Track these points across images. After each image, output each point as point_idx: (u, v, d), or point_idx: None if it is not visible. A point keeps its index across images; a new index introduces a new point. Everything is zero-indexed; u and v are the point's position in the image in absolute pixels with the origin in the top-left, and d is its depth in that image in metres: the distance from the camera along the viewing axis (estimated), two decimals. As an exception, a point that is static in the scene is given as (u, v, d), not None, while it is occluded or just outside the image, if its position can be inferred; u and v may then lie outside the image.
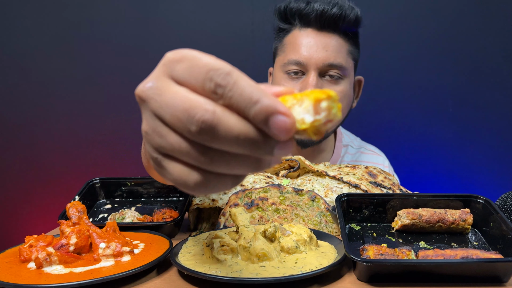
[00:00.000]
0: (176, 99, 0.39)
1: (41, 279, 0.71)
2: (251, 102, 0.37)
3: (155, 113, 0.41)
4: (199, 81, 0.39)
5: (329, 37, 1.32)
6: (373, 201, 0.92)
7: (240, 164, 0.40)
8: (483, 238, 0.86)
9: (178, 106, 0.38)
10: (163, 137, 0.40)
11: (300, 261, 0.74)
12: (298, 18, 1.34)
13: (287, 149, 0.39)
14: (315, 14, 1.29)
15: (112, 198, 1.18)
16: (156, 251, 0.81)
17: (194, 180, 0.40)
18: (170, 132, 0.40)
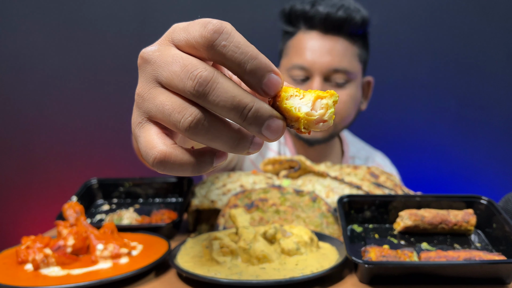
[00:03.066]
0: (177, 57, 0.41)
1: (38, 281, 0.70)
2: (249, 56, 0.39)
3: (154, 74, 0.43)
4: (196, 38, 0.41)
5: (334, 41, 1.28)
6: (375, 202, 0.91)
7: (222, 135, 0.41)
8: (486, 239, 0.85)
9: (178, 64, 0.41)
10: (155, 97, 0.42)
11: (301, 263, 0.73)
12: (302, 21, 1.30)
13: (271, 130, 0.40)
14: (320, 17, 1.25)
15: (110, 199, 1.17)
16: (155, 252, 0.80)
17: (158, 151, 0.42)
18: (163, 92, 0.42)
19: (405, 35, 2.06)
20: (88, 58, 2.12)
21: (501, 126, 2.08)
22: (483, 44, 2.04)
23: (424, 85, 2.09)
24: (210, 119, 0.40)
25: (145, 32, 2.10)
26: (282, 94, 0.41)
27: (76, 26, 2.09)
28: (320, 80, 1.27)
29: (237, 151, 0.42)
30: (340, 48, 1.28)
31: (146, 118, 0.44)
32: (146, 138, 0.43)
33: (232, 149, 0.42)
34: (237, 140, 0.41)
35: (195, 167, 0.43)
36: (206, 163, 0.43)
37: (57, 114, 2.15)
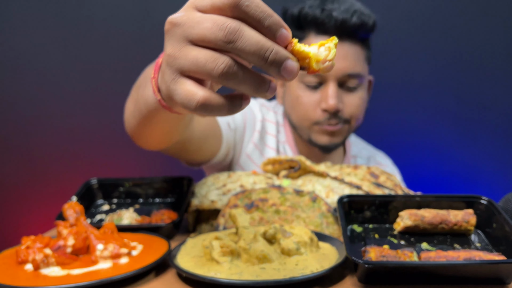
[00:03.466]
0: (206, 17, 0.50)
1: (38, 281, 0.70)
2: (267, 14, 0.49)
3: (184, 34, 0.51)
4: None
5: (348, 46, 1.28)
6: (375, 202, 0.91)
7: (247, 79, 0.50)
8: (486, 239, 0.85)
9: (209, 21, 0.49)
10: (188, 54, 0.51)
11: (301, 263, 0.73)
12: (314, 26, 1.28)
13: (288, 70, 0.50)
14: (335, 23, 1.24)
15: (110, 199, 1.17)
16: (155, 252, 0.80)
17: (200, 96, 0.51)
18: (195, 48, 0.50)
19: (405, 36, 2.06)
20: (88, 58, 2.12)
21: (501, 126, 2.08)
22: (483, 44, 2.04)
23: (424, 85, 2.09)
24: (238, 65, 0.49)
25: (145, 32, 2.10)
26: (294, 41, 0.51)
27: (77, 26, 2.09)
28: (335, 85, 1.27)
29: (259, 93, 0.51)
30: (353, 53, 1.29)
31: (179, 74, 0.52)
32: (185, 88, 0.52)
33: (255, 92, 0.51)
34: (258, 83, 0.51)
35: (229, 108, 0.52)
36: (236, 105, 0.52)
37: (57, 114, 2.15)
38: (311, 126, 1.33)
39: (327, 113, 1.28)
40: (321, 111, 1.29)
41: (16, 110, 2.15)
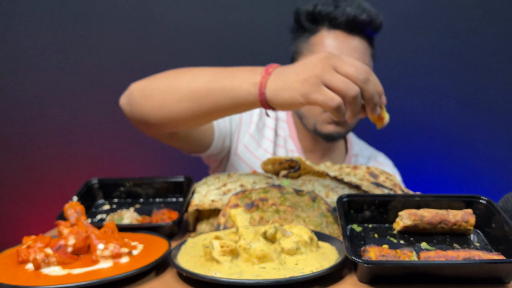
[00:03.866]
0: (352, 62, 0.85)
1: (39, 280, 0.71)
2: (381, 91, 0.88)
3: (335, 65, 0.84)
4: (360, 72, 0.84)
5: (357, 41, 1.39)
6: (374, 202, 0.92)
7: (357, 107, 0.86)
8: (485, 239, 0.85)
9: (356, 64, 0.85)
10: (334, 76, 0.83)
11: (301, 262, 0.74)
12: (327, 20, 1.38)
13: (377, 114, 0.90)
14: (347, 18, 1.35)
15: (111, 199, 1.18)
16: (155, 252, 0.80)
17: (337, 99, 0.83)
18: (338, 75, 0.83)
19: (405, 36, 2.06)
20: (89, 59, 2.12)
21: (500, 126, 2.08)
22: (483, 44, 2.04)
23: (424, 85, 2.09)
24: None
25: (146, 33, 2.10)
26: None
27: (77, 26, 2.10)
28: None
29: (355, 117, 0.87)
30: (362, 47, 1.40)
31: (322, 84, 0.83)
32: (327, 93, 0.83)
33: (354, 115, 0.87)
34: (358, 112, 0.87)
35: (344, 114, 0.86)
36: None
37: (58, 114, 2.15)
38: (319, 114, 1.41)
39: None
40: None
41: (17, 110, 2.15)
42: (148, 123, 1.14)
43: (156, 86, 1.09)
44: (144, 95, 1.10)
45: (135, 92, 1.14)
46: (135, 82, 1.18)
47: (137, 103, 1.13)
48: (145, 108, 1.11)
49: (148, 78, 1.15)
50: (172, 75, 1.08)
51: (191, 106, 1.02)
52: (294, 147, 1.52)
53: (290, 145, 1.52)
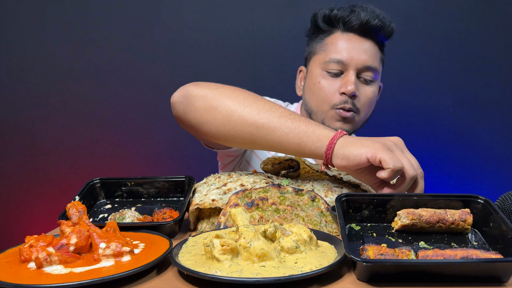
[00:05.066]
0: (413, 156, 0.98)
1: (41, 279, 0.71)
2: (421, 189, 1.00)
3: (401, 150, 0.97)
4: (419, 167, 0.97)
5: (368, 43, 1.48)
6: (373, 201, 0.92)
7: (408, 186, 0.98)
8: (483, 238, 0.86)
9: (416, 160, 0.98)
10: (402, 153, 0.96)
11: (300, 261, 0.74)
12: (342, 23, 1.49)
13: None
14: (361, 22, 1.45)
15: (112, 198, 1.18)
16: (156, 251, 0.81)
17: (400, 165, 0.92)
18: (407, 157, 0.96)
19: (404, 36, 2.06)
20: (90, 59, 2.13)
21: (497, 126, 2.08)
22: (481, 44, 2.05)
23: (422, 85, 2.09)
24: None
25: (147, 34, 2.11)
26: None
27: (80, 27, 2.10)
28: (354, 74, 1.45)
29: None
30: (372, 50, 1.49)
31: (390, 150, 0.94)
32: (394, 155, 0.93)
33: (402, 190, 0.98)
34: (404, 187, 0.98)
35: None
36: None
37: (60, 114, 2.16)
38: (328, 110, 1.48)
39: (345, 96, 1.45)
40: (339, 95, 1.46)
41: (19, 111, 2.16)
42: (199, 131, 1.15)
43: (223, 103, 1.08)
44: (207, 106, 1.10)
45: (197, 98, 1.12)
46: (194, 85, 1.16)
47: (197, 108, 1.12)
48: (204, 117, 1.11)
49: (212, 87, 1.14)
50: (242, 98, 1.08)
51: (250, 141, 1.06)
52: None
53: None
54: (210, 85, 1.15)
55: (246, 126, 1.05)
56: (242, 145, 1.11)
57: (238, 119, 1.05)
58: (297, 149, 1.02)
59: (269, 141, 1.03)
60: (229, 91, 1.10)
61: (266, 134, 1.03)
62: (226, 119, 1.07)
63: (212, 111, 1.09)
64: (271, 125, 1.02)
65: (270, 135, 1.02)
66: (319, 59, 1.52)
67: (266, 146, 1.06)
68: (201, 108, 1.11)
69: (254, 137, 1.05)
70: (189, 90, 1.15)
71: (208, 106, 1.10)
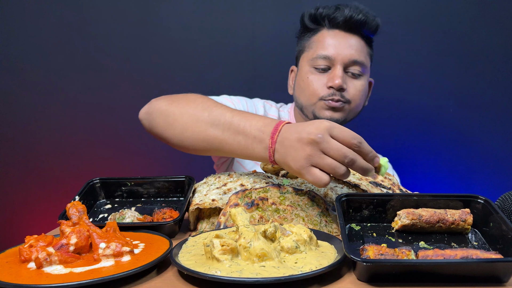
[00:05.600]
0: (337, 147, 0.89)
1: (41, 279, 0.71)
2: (369, 151, 0.91)
3: (322, 149, 0.89)
4: (348, 138, 0.89)
5: (354, 39, 1.52)
6: (373, 201, 0.92)
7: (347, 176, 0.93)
8: (483, 238, 0.86)
9: (341, 149, 0.88)
10: (324, 159, 0.89)
11: (300, 261, 0.74)
12: (327, 21, 1.53)
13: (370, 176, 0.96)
14: (344, 18, 1.49)
15: (112, 198, 1.18)
16: (156, 251, 0.81)
17: (325, 180, 0.90)
18: (327, 158, 0.89)
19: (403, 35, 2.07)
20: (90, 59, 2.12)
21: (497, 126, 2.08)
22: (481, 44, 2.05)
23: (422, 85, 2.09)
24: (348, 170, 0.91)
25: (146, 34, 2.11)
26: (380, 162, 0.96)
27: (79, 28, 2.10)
28: (341, 69, 1.49)
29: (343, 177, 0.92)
30: (358, 44, 1.52)
31: (312, 166, 0.91)
32: (316, 174, 0.90)
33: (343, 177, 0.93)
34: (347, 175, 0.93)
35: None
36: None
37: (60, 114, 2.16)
38: (317, 102, 1.51)
39: (332, 90, 1.48)
40: (327, 89, 1.49)
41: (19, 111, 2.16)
42: (166, 142, 1.22)
43: (177, 118, 1.16)
44: (165, 121, 1.18)
45: (156, 114, 1.21)
46: (157, 100, 1.24)
47: (158, 124, 1.20)
48: (165, 132, 1.19)
49: (170, 101, 1.21)
50: (193, 108, 1.14)
51: (208, 148, 1.12)
52: None
53: None
54: (168, 100, 1.22)
55: (200, 141, 1.12)
56: (207, 153, 1.18)
57: (192, 134, 1.13)
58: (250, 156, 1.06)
59: (224, 151, 1.10)
60: (184, 105, 1.17)
61: (219, 147, 1.09)
62: (181, 135, 1.15)
63: (170, 127, 1.17)
64: (220, 139, 1.08)
65: (223, 147, 1.09)
66: (307, 57, 1.55)
67: (224, 154, 1.13)
68: (161, 124, 1.19)
69: (211, 149, 1.12)
70: (151, 107, 1.24)
71: (166, 122, 1.18)
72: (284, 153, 0.96)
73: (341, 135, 0.89)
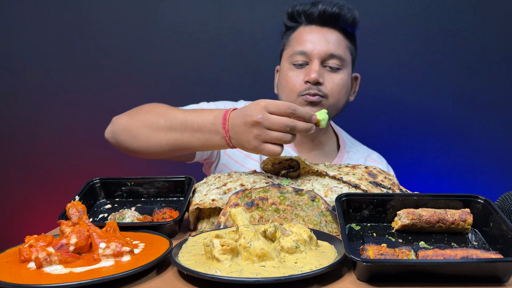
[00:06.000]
0: (277, 120, 1.05)
1: (41, 279, 0.71)
2: (306, 113, 1.08)
3: (266, 126, 1.05)
4: (284, 110, 1.05)
5: (331, 32, 1.51)
6: (373, 201, 0.92)
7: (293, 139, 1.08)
8: (483, 238, 0.86)
9: (281, 121, 1.04)
10: (268, 135, 1.05)
11: (300, 261, 0.74)
12: (303, 17, 1.54)
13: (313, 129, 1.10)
14: (318, 12, 1.50)
15: (112, 198, 1.18)
16: (156, 251, 0.81)
17: (278, 151, 1.06)
18: (272, 132, 1.05)
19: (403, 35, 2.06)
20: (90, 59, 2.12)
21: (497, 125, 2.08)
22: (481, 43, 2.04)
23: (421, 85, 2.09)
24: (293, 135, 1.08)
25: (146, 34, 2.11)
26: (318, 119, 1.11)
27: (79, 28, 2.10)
28: (318, 63, 1.48)
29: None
30: (335, 38, 1.51)
31: (263, 142, 1.07)
32: (269, 148, 1.07)
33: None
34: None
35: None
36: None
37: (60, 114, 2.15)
38: (296, 98, 1.52)
39: (309, 84, 1.48)
40: (304, 84, 1.49)
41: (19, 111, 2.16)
42: (136, 155, 1.35)
43: (139, 129, 1.29)
44: (129, 135, 1.31)
45: (120, 130, 1.33)
46: (118, 118, 1.37)
47: (123, 140, 1.33)
48: (132, 145, 1.31)
49: (130, 116, 1.34)
50: (150, 118, 1.28)
51: (174, 150, 1.26)
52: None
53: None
54: (128, 115, 1.35)
55: (164, 145, 1.25)
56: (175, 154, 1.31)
57: (155, 141, 1.26)
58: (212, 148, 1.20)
59: (189, 149, 1.24)
60: (142, 117, 1.30)
61: (183, 146, 1.23)
62: (146, 144, 1.28)
63: (134, 139, 1.30)
64: (181, 139, 1.22)
65: (186, 146, 1.23)
66: (286, 54, 1.57)
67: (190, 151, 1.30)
68: (126, 139, 1.32)
69: (176, 150, 1.25)
70: (114, 125, 1.36)
71: (130, 136, 1.30)
72: (237, 138, 1.12)
73: (277, 109, 1.05)
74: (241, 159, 1.59)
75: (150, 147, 1.28)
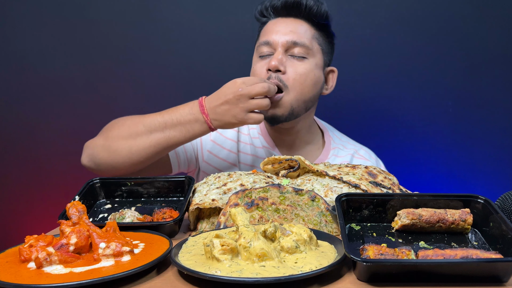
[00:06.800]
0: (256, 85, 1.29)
1: (41, 279, 0.71)
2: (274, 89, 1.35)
3: (249, 96, 1.27)
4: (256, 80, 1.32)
5: (295, 22, 1.51)
6: (373, 201, 0.92)
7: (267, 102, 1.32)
8: (483, 238, 0.86)
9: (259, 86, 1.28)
10: (250, 103, 1.28)
11: (300, 261, 0.74)
12: (271, 11, 1.56)
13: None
14: (281, 3, 1.52)
15: (112, 198, 1.18)
16: (156, 251, 0.81)
17: (261, 117, 1.30)
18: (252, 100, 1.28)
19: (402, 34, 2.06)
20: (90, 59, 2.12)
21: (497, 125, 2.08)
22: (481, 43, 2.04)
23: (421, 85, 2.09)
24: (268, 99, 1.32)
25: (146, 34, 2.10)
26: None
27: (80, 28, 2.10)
28: (281, 52, 1.47)
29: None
30: (300, 27, 1.50)
31: (247, 112, 1.28)
32: (254, 117, 1.29)
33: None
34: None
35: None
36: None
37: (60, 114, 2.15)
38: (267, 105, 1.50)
39: (270, 73, 1.46)
40: (266, 73, 1.47)
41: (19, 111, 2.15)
42: (118, 171, 1.37)
43: (118, 143, 1.35)
44: (108, 152, 1.35)
45: (97, 151, 1.38)
46: (91, 141, 1.42)
47: (102, 159, 1.36)
48: (113, 161, 1.35)
49: (104, 135, 1.40)
50: (127, 129, 1.35)
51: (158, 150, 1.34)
52: (261, 143, 1.61)
53: (257, 142, 1.62)
54: (101, 135, 1.41)
55: (147, 149, 1.33)
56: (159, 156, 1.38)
57: (138, 148, 1.32)
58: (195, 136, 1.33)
59: (173, 145, 1.34)
60: (118, 131, 1.37)
61: (166, 144, 1.32)
62: (129, 154, 1.33)
63: (115, 154, 1.34)
64: (164, 137, 1.32)
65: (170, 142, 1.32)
66: (255, 48, 1.58)
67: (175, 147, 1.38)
68: (106, 157, 1.35)
69: (161, 149, 1.33)
70: (89, 149, 1.40)
71: (110, 152, 1.35)
72: (220, 118, 1.28)
73: (251, 81, 1.28)
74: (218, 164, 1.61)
75: (132, 157, 1.33)
